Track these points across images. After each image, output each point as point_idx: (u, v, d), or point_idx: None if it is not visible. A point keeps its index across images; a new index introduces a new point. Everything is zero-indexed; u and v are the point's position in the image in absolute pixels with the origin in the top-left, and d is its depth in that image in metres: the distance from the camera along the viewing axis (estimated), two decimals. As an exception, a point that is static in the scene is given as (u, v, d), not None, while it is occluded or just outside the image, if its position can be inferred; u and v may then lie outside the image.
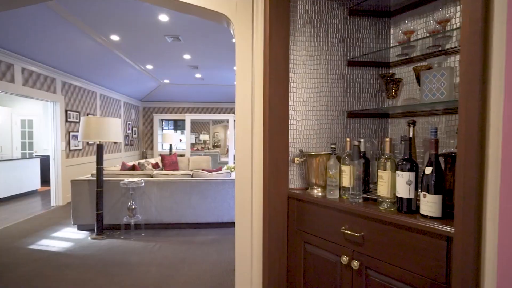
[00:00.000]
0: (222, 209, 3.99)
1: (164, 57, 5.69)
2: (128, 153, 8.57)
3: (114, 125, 3.69)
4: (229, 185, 4.00)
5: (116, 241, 3.53)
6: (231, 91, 8.80)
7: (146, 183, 3.89)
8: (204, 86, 8.42)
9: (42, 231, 3.88)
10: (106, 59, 5.44)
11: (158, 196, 3.93)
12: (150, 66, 6.40)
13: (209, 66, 6.44)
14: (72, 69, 5.38)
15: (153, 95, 9.10)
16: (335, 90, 1.61)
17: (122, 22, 4.02)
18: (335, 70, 1.62)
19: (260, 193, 1.59)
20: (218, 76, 7.38)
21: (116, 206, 3.88)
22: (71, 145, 5.68)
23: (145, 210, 3.91)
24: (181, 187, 3.94)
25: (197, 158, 7.55)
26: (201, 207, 3.97)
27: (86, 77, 5.97)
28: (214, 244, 3.45)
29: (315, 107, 1.60)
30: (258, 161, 1.59)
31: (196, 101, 9.62)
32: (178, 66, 6.37)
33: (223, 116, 9.57)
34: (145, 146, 9.73)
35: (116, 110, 7.79)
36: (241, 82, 1.63)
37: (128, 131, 8.57)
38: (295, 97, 1.58)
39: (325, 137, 1.61)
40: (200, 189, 3.96)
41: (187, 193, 3.95)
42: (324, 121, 1.61)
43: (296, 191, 1.53)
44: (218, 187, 3.98)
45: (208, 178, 4.01)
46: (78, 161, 5.90)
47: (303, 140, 1.60)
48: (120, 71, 6.33)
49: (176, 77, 7.53)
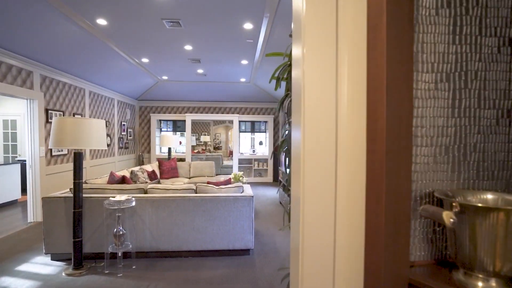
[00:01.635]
0: (234, 232, 3.20)
1: (162, 48, 4.89)
2: (122, 157, 7.76)
3: (97, 128, 2.89)
4: (242, 203, 3.20)
5: (98, 279, 2.73)
6: (236, 89, 8.00)
7: (138, 201, 3.09)
8: (207, 83, 7.62)
9: (7, 261, 3.08)
10: (94, 50, 4.64)
11: (153, 217, 3.13)
12: (146, 60, 5.60)
13: (213, 60, 5.64)
14: (53, 60, 4.57)
15: (150, 93, 8.29)
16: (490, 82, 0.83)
17: (109, 1, 3.22)
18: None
19: (350, 272, 0.80)
20: (223, 72, 6.59)
21: (100, 230, 3.08)
22: (54, 150, 4.88)
23: (137, 235, 3.11)
24: (182, 206, 3.14)
25: (198, 163, 6.75)
26: (207, 231, 3.17)
27: (71, 71, 5.17)
28: (225, 284, 2.65)
29: (450, 109, 0.81)
30: (346, 208, 0.80)
31: (197, 100, 8.82)
32: (178, 59, 5.57)
33: (227, 117, 8.77)
34: (141, 149, 8.92)
35: (108, 110, 6.99)
36: (314, 79, 0.82)
37: (122, 133, 7.77)
38: (422, 96, 0.80)
39: (474, 163, 0.82)
40: (206, 207, 3.16)
41: (189, 213, 3.15)
42: (471, 131, 0.82)
43: (426, 277, 0.74)
44: (228, 205, 3.18)
45: (215, 195, 3.21)
46: (62, 168, 5.09)
47: (431, 171, 0.81)
48: (111, 65, 5.53)
49: (175, 73, 6.73)
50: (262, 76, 6.79)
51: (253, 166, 8.97)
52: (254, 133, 9.84)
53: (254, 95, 8.46)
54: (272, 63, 5.65)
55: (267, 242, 3.73)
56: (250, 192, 3.40)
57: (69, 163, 5.33)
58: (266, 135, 9.32)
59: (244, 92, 8.21)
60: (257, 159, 9.00)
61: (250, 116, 8.96)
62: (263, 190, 7.53)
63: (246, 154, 9.10)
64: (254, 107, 9.11)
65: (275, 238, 3.90)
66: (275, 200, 6.36)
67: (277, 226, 4.44)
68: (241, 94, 8.36)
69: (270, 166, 8.90)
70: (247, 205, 3.21)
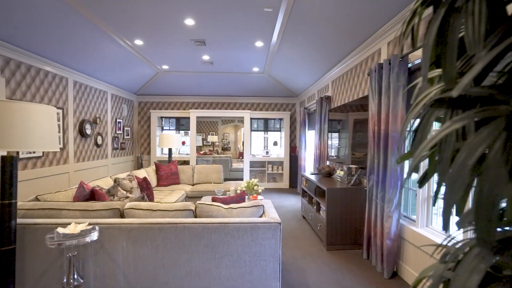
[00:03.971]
0: (251, 279, 2.11)
1: (157, 23, 3.84)
2: (118, 159, 6.77)
3: (41, 119, 1.85)
4: (264, 232, 2.11)
5: None
6: (248, 81, 6.92)
7: (107, 230, 2.03)
8: (213, 74, 6.57)
9: None
10: (69, 25, 3.62)
11: (130, 255, 2.06)
12: (140, 42, 4.58)
13: (221, 41, 4.57)
14: (17, 38, 3.56)
15: (150, 86, 7.29)
16: None
17: None
18: None
19: None
20: (233, 59, 5.52)
21: (48, 275, 2.03)
22: (21, 152, 3.89)
23: (105, 284, 2.05)
24: (173, 237, 2.07)
25: (204, 167, 5.68)
26: (211, 276, 2.09)
27: (45, 54, 4.17)
28: None
29: None
30: None
31: (203, 94, 7.78)
32: (178, 40, 4.52)
33: (237, 113, 7.70)
34: (140, 150, 7.93)
35: (100, 104, 6.00)
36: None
37: (118, 132, 6.78)
38: None
39: None
40: (210, 240, 2.09)
41: (184, 249, 2.08)
42: None
43: None
44: (243, 236, 2.10)
45: (224, 221, 2.13)
46: (35, 173, 4.10)
47: None
48: (97, 48, 4.52)
49: (177, 61, 5.69)
50: (279, 65, 5.69)
51: (266, 170, 7.87)
52: (268, 132, 8.73)
53: (268, 88, 7.37)
54: (293, 46, 4.54)
55: (298, 284, 2.63)
56: (275, 215, 2.31)
57: (45, 167, 4.34)
58: (281, 134, 8.21)
59: (257, 84, 7.13)
60: (271, 161, 7.90)
61: (263, 113, 7.87)
62: (279, 199, 6.41)
63: (259, 156, 8.01)
64: (268, 102, 8.01)
65: (308, 275, 2.80)
66: (296, 212, 5.24)
67: (306, 252, 3.33)
68: (253, 87, 7.27)
69: (286, 169, 7.79)
70: (272, 236, 2.12)
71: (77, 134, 5.21)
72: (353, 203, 3.44)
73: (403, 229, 2.70)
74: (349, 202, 3.44)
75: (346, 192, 3.44)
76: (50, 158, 4.47)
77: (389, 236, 2.70)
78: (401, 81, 2.61)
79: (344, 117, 4.38)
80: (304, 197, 4.84)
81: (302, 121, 6.91)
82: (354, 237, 3.45)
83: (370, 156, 3.13)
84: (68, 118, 4.93)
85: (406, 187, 2.87)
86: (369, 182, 3.13)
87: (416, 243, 2.51)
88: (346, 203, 3.44)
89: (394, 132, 2.66)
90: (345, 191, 3.44)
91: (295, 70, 5.89)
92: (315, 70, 5.40)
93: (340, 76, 4.68)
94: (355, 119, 3.98)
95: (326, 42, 4.06)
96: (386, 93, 2.80)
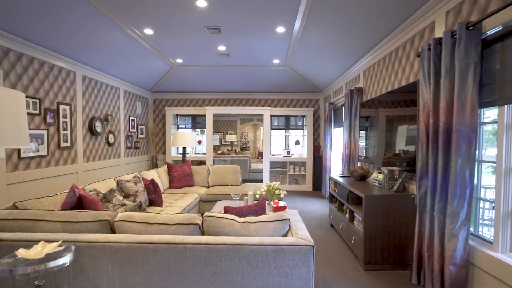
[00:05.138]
0: (274, 320, 1.58)
1: (165, 4, 3.40)
2: (131, 158, 6.47)
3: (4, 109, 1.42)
4: (292, 258, 1.57)
5: None
6: (268, 75, 6.38)
7: (88, 250, 1.58)
8: (230, 68, 6.09)
9: None
10: (74, 13, 3.26)
11: (116, 281, 1.60)
12: (150, 31, 4.17)
13: (238, 26, 4.07)
14: (17, 27, 3.23)
15: (165, 82, 6.95)
16: None
17: None
18: None
19: None
20: (251, 49, 5.01)
21: (16, 306, 1.61)
22: (23, 150, 3.59)
23: (85, 319, 1.60)
24: (172, 263, 1.59)
25: (220, 168, 5.21)
26: (220, 314, 1.58)
27: (49, 45, 3.85)
28: None
29: None
30: None
31: (219, 90, 7.34)
32: (190, 27, 4.07)
33: (256, 110, 7.19)
34: (156, 150, 7.62)
35: (111, 101, 5.70)
36: None
37: (131, 130, 6.48)
38: None
39: None
40: (220, 267, 1.58)
41: (185, 278, 1.58)
42: None
43: None
44: (263, 262, 1.57)
45: (238, 243, 1.61)
46: (38, 174, 3.80)
47: None
48: (105, 39, 4.16)
49: (191, 53, 5.26)
50: (302, 55, 5.11)
51: (287, 171, 7.30)
52: (289, 130, 8.16)
53: (289, 83, 6.79)
54: (319, 31, 3.95)
55: (332, 318, 2.06)
56: (305, 233, 1.76)
57: (51, 167, 4.04)
58: (304, 132, 7.60)
59: (278, 79, 6.58)
60: (293, 162, 7.31)
61: (284, 109, 7.30)
62: (303, 203, 5.83)
63: (279, 155, 7.45)
64: (289, 98, 7.44)
65: (343, 305, 2.22)
66: (322, 219, 4.65)
67: (339, 272, 2.75)
68: (273, 81, 6.73)
69: (309, 170, 7.17)
70: (302, 263, 1.58)
71: (87, 132, 4.91)
72: (397, 214, 2.82)
73: (473, 252, 2.06)
74: (392, 212, 2.82)
75: (388, 200, 2.82)
76: (56, 157, 4.17)
77: (453, 260, 2.07)
78: (471, 57, 1.98)
79: (373, 113, 3.74)
80: (333, 203, 4.24)
81: (327, 118, 6.28)
82: (399, 255, 2.83)
83: (421, 157, 2.50)
84: (76, 115, 4.63)
85: (474, 197, 2.22)
86: (419, 189, 2.50)
87: (494, 273, 1.87)
88: (388, 213, 2.82)
89: (460, 125, 2.03)
90: (387, 198, 2.82)
91: (320, 62, 5.28)
92: (343, 59, 4.78)
93: (376, 63, 4.04)
94: (387, 116, 3.33)
95: (358, 25, 3.45)
96: (448, 74, 2.17)
